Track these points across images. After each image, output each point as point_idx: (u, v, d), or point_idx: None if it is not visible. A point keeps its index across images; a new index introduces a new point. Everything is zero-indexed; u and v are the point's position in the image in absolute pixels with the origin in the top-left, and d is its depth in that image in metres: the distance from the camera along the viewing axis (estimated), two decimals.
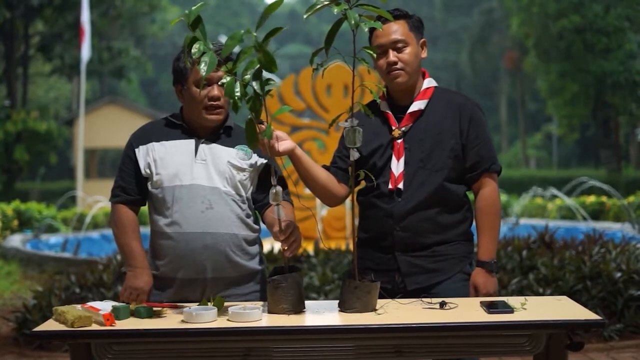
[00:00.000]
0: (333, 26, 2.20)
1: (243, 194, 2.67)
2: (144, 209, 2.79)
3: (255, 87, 2.20)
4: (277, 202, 2.38)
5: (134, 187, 2.69)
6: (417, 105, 2.67)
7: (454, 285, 2.62)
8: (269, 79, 2.23)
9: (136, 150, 2.68)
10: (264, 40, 2.15)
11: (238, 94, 2.19)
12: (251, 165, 2.68)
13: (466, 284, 2.66)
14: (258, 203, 2.71)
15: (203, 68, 2.17)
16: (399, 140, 2.65)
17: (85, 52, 16.05)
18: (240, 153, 2.67)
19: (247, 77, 2.19)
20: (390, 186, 2.64)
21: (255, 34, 2.15)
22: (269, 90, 2.22)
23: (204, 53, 2.17)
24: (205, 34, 2.19)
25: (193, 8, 2.18)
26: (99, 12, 22.95)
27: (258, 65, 2.18)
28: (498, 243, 5.45)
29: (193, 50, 2.17)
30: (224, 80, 2.21)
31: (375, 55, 2.46)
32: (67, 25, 22.31)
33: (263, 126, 2.30)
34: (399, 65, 2.63)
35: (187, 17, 2.17)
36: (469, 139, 2.65)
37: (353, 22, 2.16)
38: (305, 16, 2.21)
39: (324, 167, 2.75)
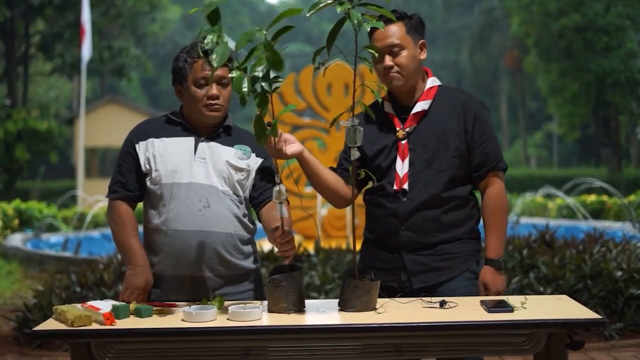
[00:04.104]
0: (335, 25, 2.19)
1: (241, 193, 2.67)
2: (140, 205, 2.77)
3: (264, 85, 2.19)
4: (280, 200, 2.38)
5: (134, 183, 2.68)
6: (421, 105, 2.67)
7: (460, 284, 2.61)
8: (276, 77, 2.22)
9: (136, 145, 2.67)
10: (273, 38, 2.14)
11: (245, 89, 2.17)
12: (249, 165, 2.68)
13: (473, 282, 2.65)
14: (254, 200, 2.71)
15: (215, 58, 2.14)
16: (403, 142, 2.65)
17: (86, 51, 16.02)
18: (238, 152, 2.67)
19: (256, 73, 2.18)
20: (395, 187, 2.64)
21: (265, 32, 2.14)
22: (277, 88, 2.21)
23: (217, 44, 2.15)
24: (221, 27, 2.16)
25: None
26: (100, 11, 22.96)
27: (266, 64, 2.16)
28: None
29: (206, 41, 2.14)
30: (231, 75, 2.20)
31: (377, 54, 2.45)
32: (67, 25, 22.31)
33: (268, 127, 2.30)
34: (395, 69, 2.63)
35: (206, 8, 2.12)
36: (474, 138, 2.64)
37: (356, 21, 2.15)
38: (307, 14, 2.19)
39: (331, 169, 2.75)
